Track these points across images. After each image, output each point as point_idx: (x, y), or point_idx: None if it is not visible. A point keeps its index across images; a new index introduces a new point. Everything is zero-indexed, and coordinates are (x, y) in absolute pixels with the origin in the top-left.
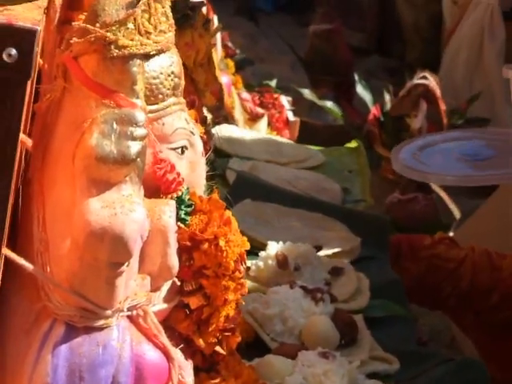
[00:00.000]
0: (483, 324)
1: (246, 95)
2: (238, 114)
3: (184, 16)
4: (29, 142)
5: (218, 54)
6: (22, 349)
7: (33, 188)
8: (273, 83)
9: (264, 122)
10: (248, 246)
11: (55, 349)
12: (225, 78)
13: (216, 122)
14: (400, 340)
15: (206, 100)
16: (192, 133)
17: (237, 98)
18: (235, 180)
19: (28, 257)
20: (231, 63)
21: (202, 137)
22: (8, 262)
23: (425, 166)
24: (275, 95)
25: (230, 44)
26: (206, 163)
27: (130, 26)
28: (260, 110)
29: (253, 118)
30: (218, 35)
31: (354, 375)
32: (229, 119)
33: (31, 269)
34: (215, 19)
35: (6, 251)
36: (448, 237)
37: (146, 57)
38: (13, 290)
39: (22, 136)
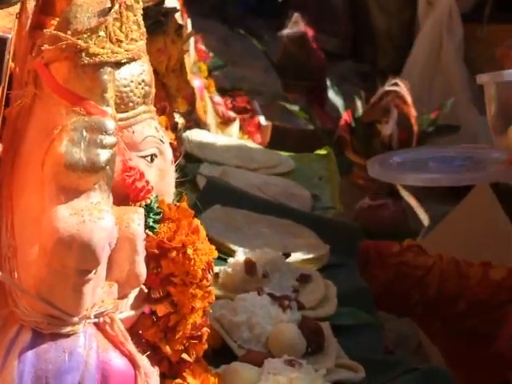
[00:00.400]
0: (450, 331)
1: (218, 99)
2: (211, 117)
3: (157, 22)
4: None
5: (190, 57)
6: None
7: (1, 193)
8: (244, 87)
9: (236, 125)
10: (216, 255)
11: (21, 355)
12: (197, 82)
13: (187, 127)
14: (367, 348)
15: (178, 105)
16: (162, 141)
17: (209, 101)
18: (205, 185)
19: None
20: (204, 67)
21: (172, 143)
22: None
23: (401, 168)
24: (247, 99)
25: (202, 47)
26: (177, 169)
27: (102, 33)
28: (232, 114)
29: (225, 122)
30: (192, 39)
31: (319, 383)
32: (200, 123)
33: None
34: (189, 23)
35: None
36: (416, 244)
37: (117, 65)
38: None
39: None
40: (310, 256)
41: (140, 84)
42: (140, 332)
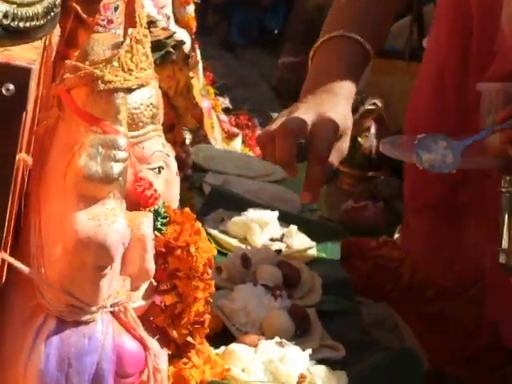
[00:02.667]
0: (420, 315)
1: (223, 117)
2: (217, 133)
3: (167, 53)
4: (29, 160)
5: (200, 82)
6: (19, 339)
7: (31, 200)
8: (246, 107)
9: (239, 140)
10: (215, 252)
11: (47, 339)
12: (206, 103)
13: (196, 142)
14: (346, 330)
15: (188, 122)
16: (168, 155)
17: (216, 119)
18: (210, 192)
19: (26, 260)
20: (211, 90)
21: (180, 156)
22: (10, 264)
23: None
24: (248, 117)
25: (211, 73)
26: (186, 178)
27: (115, 64)
28: (235, 130)
29: (229, 137)
30: (201, 66)
31: (306, 361)
32: (208, 138)
33: (27, 271)
34: (198, 52)
35: (4, 255)
36: (391, 240)
37: (129, 90)
38: (13, 288)
39: (24, 155)
40: (299, 252)
41: (148, 106)
42: (150, 319)
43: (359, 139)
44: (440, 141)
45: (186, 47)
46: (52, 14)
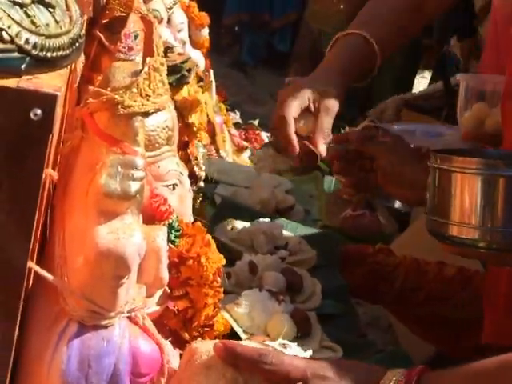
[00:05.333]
0: (413, 316)
1: (234, 131)
2: (228, 146)
3: (182, 76)
4: (55, 176)
5: (213, 99)
6: (43, 341)
7: (56, 213)
8: (256, 122)
9: (248, 152)
10: (223, 262)
11: (69, 342)
12: (218, 119)
13: (209, 155)
14: (344, 332)
15: (202, 138)
16: (181, 173)
17: (227, 133)
18: (220, 203)
19: (51, 269)
20: (223, 106)
21: (194, 170)
22: (36, 273)
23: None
24: (257, 131)
25: (223, 91)
26: (199, 190)
27: (134, 90)
28: (245, 143)
29: (239, 150)
30: (214, 84)
31: None
32: (219, 152)
33: (52, 279)
34: (211, 72)
35: (31, 264)
36: (386, 247)
37: (146, 114)
38: (39, 294)
39: (51, 171)
40: (301, 259)
41: (164, 129)
42: (164, 322)
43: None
44: None
45: (201, 67)
46: (77, 44)
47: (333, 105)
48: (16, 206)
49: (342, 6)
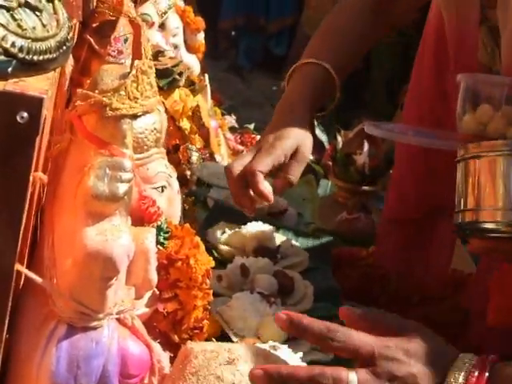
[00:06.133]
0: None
1: (229, 135)
2: (223, 150)
3: (174, 79)
4: (45, 179)
5: (208, 103)
6: (32, 343)
7: (45, 216)
8: (251, 126)
9: None
10: (212, 264)
11: (58, 343)
12: (213, 123)
13: (203, 159)
14: None
15: (195, 142)
16: (170, 175)
17: (222, 137)
18: (213, 206)
19: (40, 271)
20: (218, 110)
21: (185, 173)
22: (26, 275)
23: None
24: (253, 135)
25: (218, 95)
26: (191, 193)
27: (122, 92)
28: (240, 147)
29: (235, 154)
30: (208, 88)
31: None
32: (214, 156)
33: (40, 281)
34: (206, 76)
35: (19, 267)
36: None
37: (134, 117)
38: (28, 296)
39: (41, 174)
40: (293, 262)
41: (153, 131)
42: (154, 324)
43: (353, 156)
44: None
45: (196, 71)
46: (64, 47)
47: (306, 155)
48: (4, 208)
49: None
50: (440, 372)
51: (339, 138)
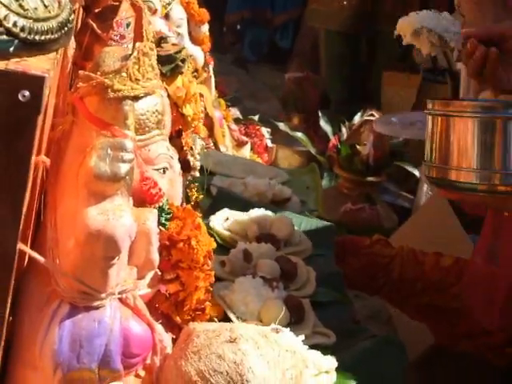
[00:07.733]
0: (411, 306)
1: (234, 126)
2: (228, 141)
3: (176, 66)
4: (48, 162)
5: (212, 94)
6: (36, 322)
7: (48, 197)
8: (256, 117)
9: (248, 147)
10: (214, 246)
11: (61, 323)
12: (217, 113)
13: (207, 148)
14: (338, 319)
15: (199, 130)
16: (171, 157)
17: (227, 128)
18: (216, 193)
19: (43, 251)
20: (223, 102)
21: (188, 159)
22: (29, 255)
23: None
24: (257, 127)
25: (223, 87)
26: (195, 180)
27: (124, 74)
28: (245, 138)
29: (239, 145)
30: (213, 80)
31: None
32: (218, 145)
33: (43, 261)
34: (211, 67)
35: (22, 247)
36: (383, 238)
37: (136, 98)
38: (32, 276)
39: (44, 157)
40: (296, 249)
41: (154, 113)
42: (156, 305)
43: (358, 147)
44: None
45: (199, 63)
46: (66, 28)
47: None
48: (5, 187)
49: (345, 3)
50: None
51: (344, 129)
